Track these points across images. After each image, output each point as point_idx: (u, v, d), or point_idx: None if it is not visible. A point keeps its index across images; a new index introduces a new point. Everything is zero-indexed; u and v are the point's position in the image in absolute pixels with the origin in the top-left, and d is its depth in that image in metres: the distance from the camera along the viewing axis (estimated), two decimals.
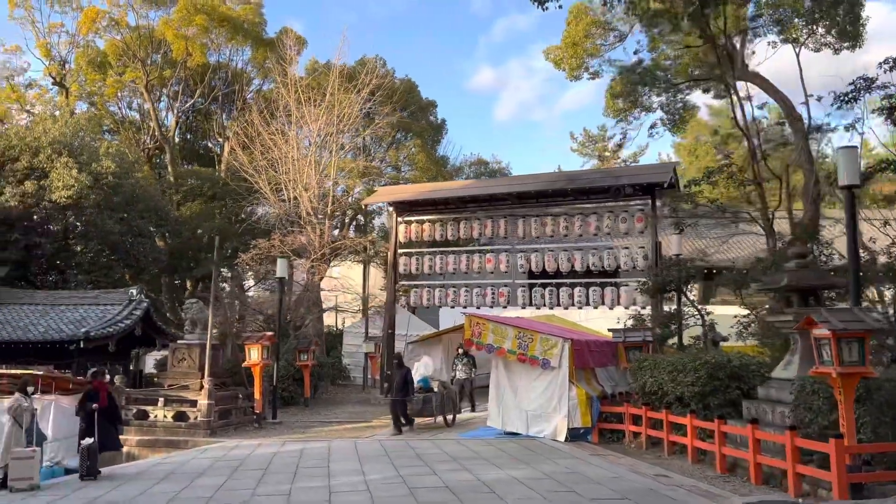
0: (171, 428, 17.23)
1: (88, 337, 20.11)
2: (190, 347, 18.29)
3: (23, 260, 24.91)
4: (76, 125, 26.16)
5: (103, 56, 33.71)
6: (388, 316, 23.68)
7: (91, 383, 12.70)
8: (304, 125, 27.36)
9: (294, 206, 26.80)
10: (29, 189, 23.62)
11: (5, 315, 22.56)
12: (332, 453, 13.48)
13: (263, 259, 24.13)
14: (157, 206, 26.91)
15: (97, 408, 12.22)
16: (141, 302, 22.33)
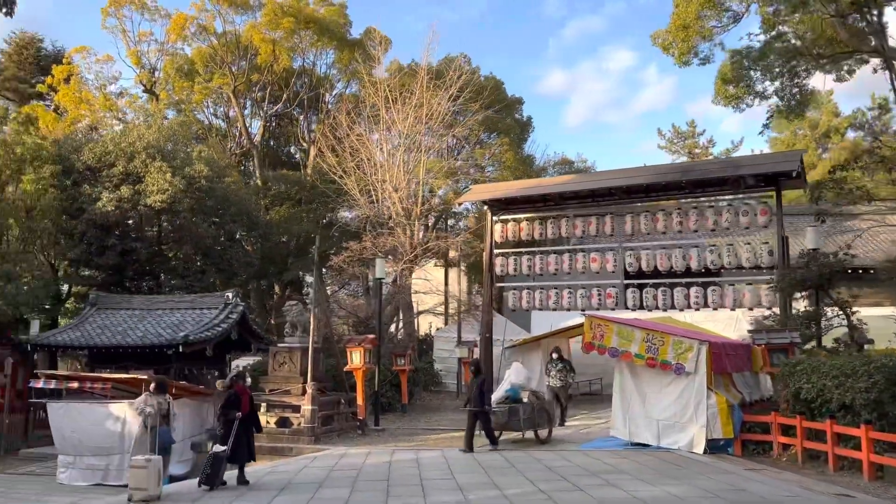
0: (274, 434, 16.64)
1: (187, 341, 19.80)
2: (291, 351, 17.69)
3: (119, 265, 24.99)
4: (168, 130, 26.22)
5: (190, 63, 34.01)
6: (485, 319, 22.65)
7: (232, 387, 11.69)
8: (393, 125, 26.70)
9: (383, 207, 26.16)
10: (125, 194, 23.66)
11: (103, 320, 22.58)
12: (452, 464, 12.56)
13: (355, 261, 23.48)
14: (247, 210, 26.70)
15: (239, 416, 11.29)
16: (237, 305, 21.98)
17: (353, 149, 26.76)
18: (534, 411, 15.09)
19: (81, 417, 16.75)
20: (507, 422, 14.84)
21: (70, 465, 17.05)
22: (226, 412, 11.31)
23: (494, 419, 14.67)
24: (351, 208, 27.40)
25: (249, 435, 11.62)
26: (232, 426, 11.12)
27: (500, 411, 14.83)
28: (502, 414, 14.81)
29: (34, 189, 23.09)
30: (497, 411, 14.84)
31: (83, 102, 30.58)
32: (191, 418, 17.57)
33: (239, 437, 11.20)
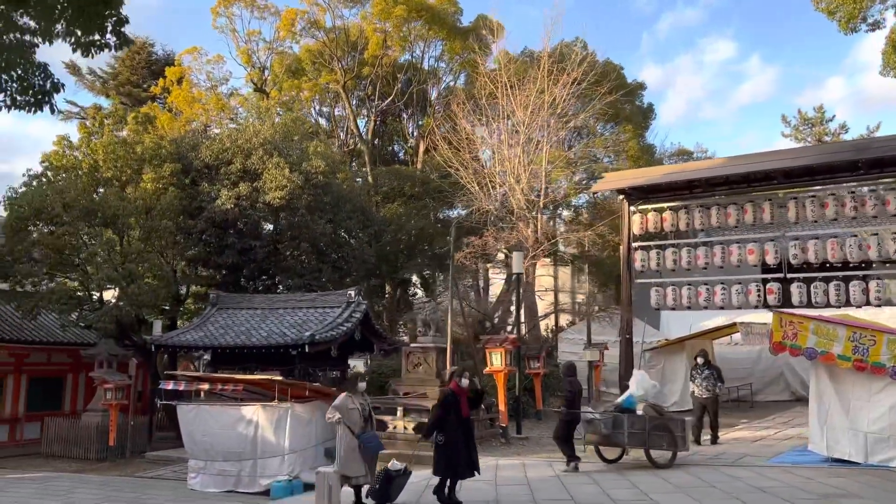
0: (412, 441, 15.40)
1: (313, 340, 18.89)
2: (425, 351, 16.46)
3: (236, 264, 24.49)
4: (283, 126, 25.61)
5: (298, 62, 33.64)
6: (624, 319, 20.87)
7: (448, 385, 10.22)
8: (512, 114, 25.24)
9: (502, 200, 24.73)
10: (243, 191, 23.11)
11: (225, 320, 22.03)
12: (636, 482, 10.91)
13: (478, 258, 22.11)
14: (362, 207, 25.81)
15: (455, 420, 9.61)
16: (360, 304, 20.98)
17: (468, 140, 25.47)
18: (646, 427, 12.31)
19: (213, 420, 16.00)
20: (609, 434, 12.37)
21: (201, 470, 16.33)
22: (441, 416, 9.67)
23: (591, 430, 12.51)
24: (468, 203, 25.99)
25: (470, 443, 9.84)
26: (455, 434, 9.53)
27: (601, 420, 12.42)
28: (603, 424, 12.34)
29: (154, 188, 22.81)
30: (596, 420, 12.43)
31: (196, 102, 30.61)
32: (323, 422, 16.56)
33: (457, 446, 9.53)
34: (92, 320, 21.53)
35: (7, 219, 21.89)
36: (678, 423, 12.96)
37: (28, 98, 7.79)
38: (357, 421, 9.98)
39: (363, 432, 10.02)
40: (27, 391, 24.50)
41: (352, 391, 10.34)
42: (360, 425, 10.02)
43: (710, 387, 15.40)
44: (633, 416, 12.47)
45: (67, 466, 20.02)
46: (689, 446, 13.17)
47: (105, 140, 22.76)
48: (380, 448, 10.49)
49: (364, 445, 9.98)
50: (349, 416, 9.98)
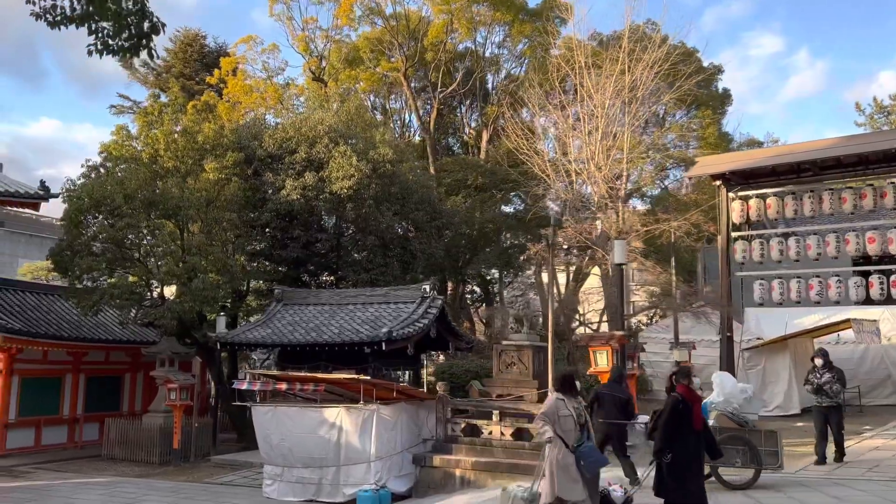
0: (510, 449, 13.97)
1: (391, 337, 17.58)
2: (520, 350, 15.03)
3: (300, 259, 23.32)
4: (347, 114, 24.37)
5: (355, 51, 32.50)
6: (724, 315, 19.21)
7: (675, 389, 8.06)
8: (589, 98, 23.67)
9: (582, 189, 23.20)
10: (309, 181, 21.91)
11: (292, 316, 20.85)
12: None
13: (560, 250, 20.61)
14: (429, 199, 24.45)
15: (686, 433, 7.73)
16: (435, 299, 19.64)
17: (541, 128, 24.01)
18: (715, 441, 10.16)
19: (291, 423, 14.79)
20: None
21: (278, 477, 15.14)
22: (670, 425, 7.73)
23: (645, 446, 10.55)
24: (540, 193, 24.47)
25: (701, 461, 8.03)
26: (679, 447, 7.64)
27: None
28: None
29: (216, 178, 21.74)
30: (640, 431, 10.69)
31: (253, 92, 29.63)
32: (408, 426, 15.27)
33: (689, 466, 7.69)
34: (154, 317, 20.52)
35: (66, 211, 21.01)
36: (764, 435, 11.04)
37: (122, 42, 6.50)
38: (571, 430, 7.97)
39: (580, 444, 7.96)
40: (85, 391, 23.65)
41: (566, 393, 8.19)
42: (576, 436, 7.98)
43: (833, 393, 13.05)
44: None
45: (130, 470, 19.04)
46: (783, 463, 11.19)
47: (166, 129, 21.74)
48: (604, 463, 8.37)
49: (584, 461, 7.89)
50: (562, 425, 7.97)
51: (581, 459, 7.86)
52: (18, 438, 21.48)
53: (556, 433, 7.86)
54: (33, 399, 22.06)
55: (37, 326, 21.72)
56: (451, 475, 14.12)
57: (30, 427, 21.87)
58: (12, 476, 18.04)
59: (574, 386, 8.18)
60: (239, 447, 22.25)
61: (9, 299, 22.86)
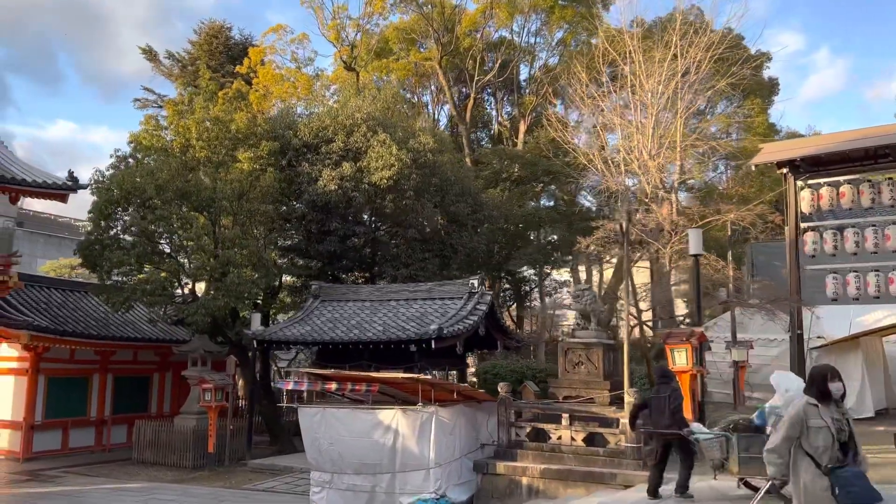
0: (583, 455, 12.85)
1: (441, 335, 16.51)
2: (588, 348, 13.87)
3: (337, 253, 22.29)
4: (384, 102, 23.32)
5: (384, 41, 31.50)
6: (794, 312, 17.92)
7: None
8: (637, 85, 22.50)
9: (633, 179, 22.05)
10: (346, 172, 20.87)
11: (331, 313, 19.83)
12: None
13: (612, 243, 19.47)
14: (469, 190, 23.34)
15: None
16: (484, 294, 18.57)
17: (587, 117, 22.88)
18: None
19: (342, 426, 13.71)
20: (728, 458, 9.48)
21: (326, 484, 14.08)
22: None
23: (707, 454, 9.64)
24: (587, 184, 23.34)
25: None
26: None
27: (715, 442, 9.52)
28: (718, 446, 9.49)
29: (251, 168, 20.76)
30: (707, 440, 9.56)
31: (284, 80, 28.67)
32: (466, 430, 14.20)
33: None
34: (187, 314, 19.56)
35: (95, 203, 20.09)
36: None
37: None
38: (826, 447, 5.86)
39: (839, 466, 5.86)
40: (113, 392, 22.74)
41: (819, 397, 6.03)
42: (834, 456, 5.86)
43: None
44: (751, 436, 9.50)
45: (163, 475, 18.06)
46: None
47: (197, 116, 20.77)
48: (875, 499, 5.86)
49: (842, 490, 5.72)
50: (813, 440, 5.91)
51: (838, 487, 5.75)
52: (45, 441, 20.60)
53: (804, 450, 5.95)
54: (60, 400, 21.18)
55: (64, 324, 20.83)
56: (516, 483, 13.02)
57: (57, 429, 21.00)
58: (41, 481, 17.12)
59: (827, 387, 6.00)
60: (273, 450, 21.28)
61: (34, 296, 22.00)
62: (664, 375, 10.43)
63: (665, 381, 10.29)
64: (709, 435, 9.82)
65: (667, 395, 10.13)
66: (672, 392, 10.22)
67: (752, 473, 9.58)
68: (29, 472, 18.07)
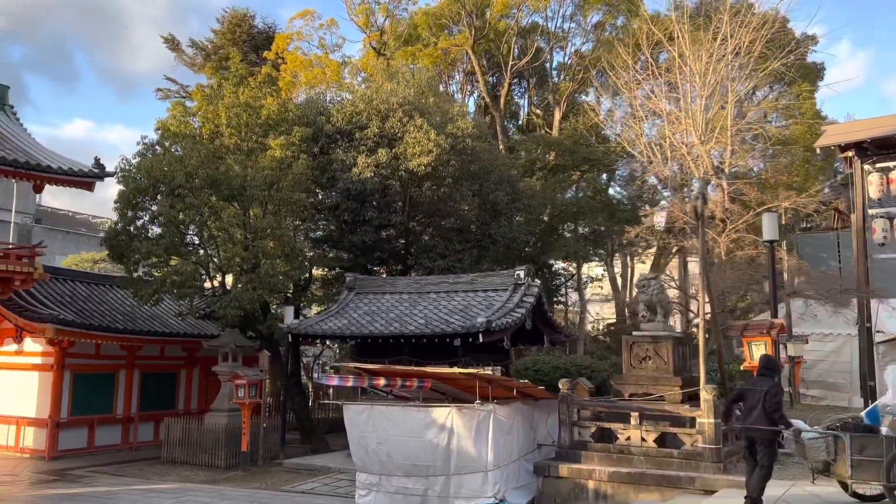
0: (655, 457, 11.87)
1: (489, 328, 15.56)
2: (657, 342, 12.88)
3: (371, 244, 21.38)
4: (418, 86, 22.35)
5: (412, 28, 30.56)
6: (862, 303, 16.93)
7: None
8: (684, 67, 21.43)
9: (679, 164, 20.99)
10: (382, 158, 19.94)
11: (368, 306, 18.94)
12: None
13: (664, 232, 18.46)
14: (508, 178, 22.34)
15: None
16: (531, 286, 17.59)
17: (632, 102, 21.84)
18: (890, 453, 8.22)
19: (391, 425, 12.80)
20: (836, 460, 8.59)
21: (373, 486, 13.18)
22: None
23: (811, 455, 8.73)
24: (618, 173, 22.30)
25: None
26: None
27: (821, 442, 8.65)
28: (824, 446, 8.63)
29: (282, 155, 19.88)
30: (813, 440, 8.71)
31: (314, 66, 27.80)
32: (524, 430, 13.26)
33: None
34: (218, 306, 18.72)
35: (122, 192, 19.29)
36: None
37: None
38: None
39: None
40: (140, 388, 21.95)
41: None
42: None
43: None
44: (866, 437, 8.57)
45: (195, 475, 17.24)
46: None
47: (227, 102, 19.91)
48: None
49: None
50: None
51: None
52: (71, 439, 19.87)
53: None
54: (86, 396, 20.42)
55: (89, 318, 20.08)
56: (582, 487, 12.07)
57: (82, 427, 20.26)
58: (68, 481, 16.35)
59: None
60: (306, 449, 20.47)
61: (59, 289, 21.26)
62: (768, 367, 9.39)
63: (767, 373, 9.27)
64: (816, 434, 8.83)
65: (764, 390, 9.13)
66: (772, 387, 9.22)
67: (865, 479, 8.61)
68: (55, 472, 17.33)
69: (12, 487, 15.48)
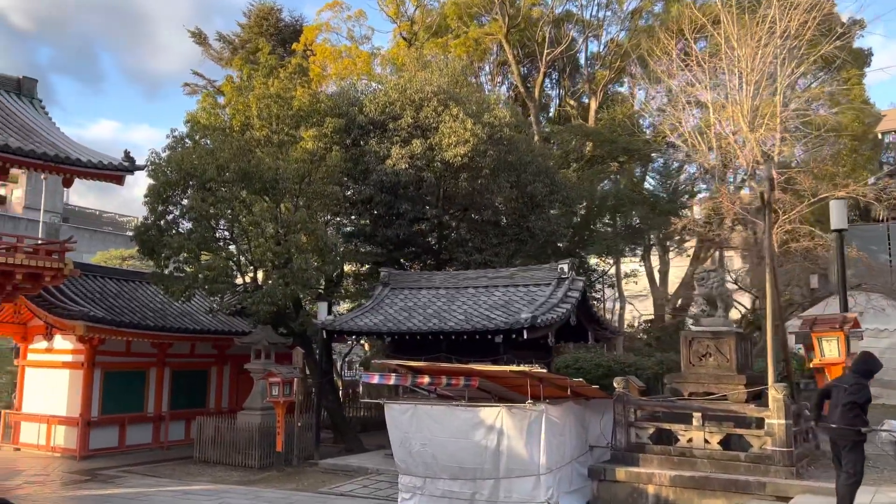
0: (720, 460, 11.12)
1: (535, 324, 14.86)
2: (717, 338, 12.11)
3: (403, 238, 20.77)
4: (452, 75, 21.67)
5: (442, 18, 29.90)
6: None
7: None
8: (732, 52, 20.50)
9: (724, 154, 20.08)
10: (416, 149, 19.31)
11: (404, 301, 18.33)
12: None
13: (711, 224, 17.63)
14: (547, 169, 21.59)
15: None
16: (575, 281, 16.87)
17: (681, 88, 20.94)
18: None
19: (437, 426, 12.18)
20: None
21: (417, 490, 12.58)
22: None
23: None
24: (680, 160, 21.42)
25: None
26: None
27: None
28: None
29: (315, 147, 19.32)
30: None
31: (343, 57, 27.26)
32: (576, 431, 12.57)
33: None
34: (250, 303, 18.23)
35: (152, 186, 18.88)
36: None
37: None
38: None
39: None
40: (171, 386, 21.55)
41: None
42: None
43: None
44: None
45: (228, 476, 16.76)
46: None
47: (258, 92, 19.39)
48: None
49: None
50: None
51: None
52: (102, 438, 19.54)
53: None
54: (116, 395, 20.08)
55: (120, 315, 19.70)
56: (640, 492, 11.36)
57: (113, 425, 19.93)
58: (100, 482, 15.95)
59: None
60: (340, 449, 19.94)
61: (89, 286, 20.91)
62: (864, 364, 8.62)
63: (862, 371, 8.48)
64: None
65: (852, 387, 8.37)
66: (854, 384, 8.46)
67: None
68: (87, 472, 16.97)
69: (45, 488, 15.11)
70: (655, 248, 27.50)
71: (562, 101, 31.86)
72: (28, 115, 18.75)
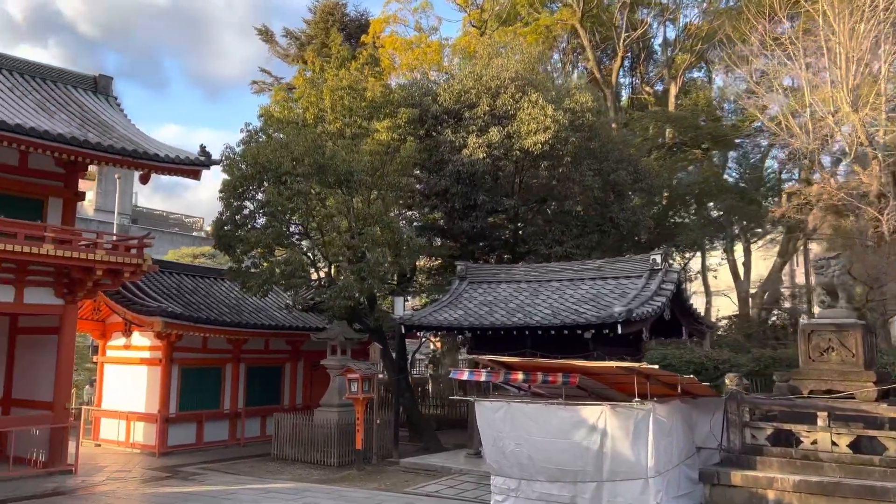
0: (850, 465, 10.08)
1: (630, 318, 14.01)
2: (841, 331, 11.07)
3: (479, 231, 20.10)
4: (526, 63, 20.87)
5: (511, 7, 29.15)
6: None
7: None
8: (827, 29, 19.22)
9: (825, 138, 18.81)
10: (494, 138, 18.61)
11: (483, 296, 17.67)
12: None
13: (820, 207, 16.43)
14: (629, 156, 20.62)
15: None
16: (669, 272, 15.93)
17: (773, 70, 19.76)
18: None
19: (532, 425, 11.45)
20: None
21: (511, 492, 11.88)
22: None
23: None
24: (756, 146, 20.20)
25: None
26: None
27: None
28: None
29: (389, 138, 18.83)
30: None
31: (413, 47, 26.83)
32: (683, 432, 11.68)
33: None
34: (326, 298, 17.85)
35: (227, 181, 18.68)
36: None
37: None
38: None
39: None
40: (246, 383, 21.39)
41: None
42: None
43: None
44: None
45: (307, 474, 16.38)
46: None
47: (331, 84, 19.00)
48: None
49: None
50: None
51: None
52: (180, 434, 19.46)
53: None
54: (193, 391, 19.98)
55: (197, 311, 19.59)
56: (760, 498, 10.41)
57: (191, 422, 19.82)
58: (180, 479, 15.75)
59: None
60: (418, 447, 19.43)
61: (165, 282, 20.92)
62: None
63: None
64: None
65: None
66: None
67: None
68: (167, 468, 16.82)
69: (128, 484, 14.98)
70: (739, 240, 26.20)
71: (635, 88, 30.70)
72: (105, 112, 18.77)
